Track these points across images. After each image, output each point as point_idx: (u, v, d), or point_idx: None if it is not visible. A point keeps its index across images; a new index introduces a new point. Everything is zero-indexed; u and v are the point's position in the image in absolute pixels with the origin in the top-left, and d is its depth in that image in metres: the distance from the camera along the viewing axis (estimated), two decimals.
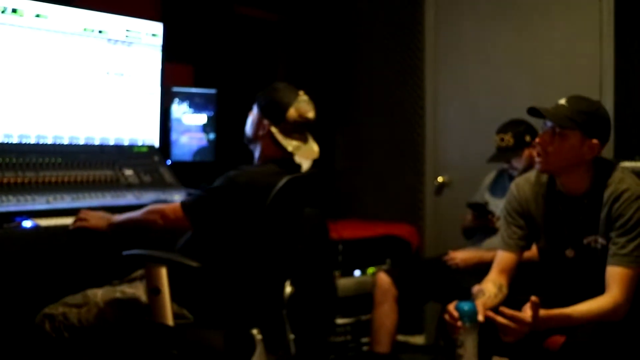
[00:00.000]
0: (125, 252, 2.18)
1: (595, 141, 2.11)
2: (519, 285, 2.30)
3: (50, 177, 2.72)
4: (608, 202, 2.11)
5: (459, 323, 1.97)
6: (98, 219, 2.40)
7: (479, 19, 3.87)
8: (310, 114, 2.33)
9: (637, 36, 3.23)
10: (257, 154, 2.41)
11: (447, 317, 2.02)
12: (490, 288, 2.19)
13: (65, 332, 2.14)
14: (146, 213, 2.32)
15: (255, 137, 2.37)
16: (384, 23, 4.23)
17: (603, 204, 2.12)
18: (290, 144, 2.30)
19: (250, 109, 2.43)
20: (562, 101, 2.16)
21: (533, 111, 2.22)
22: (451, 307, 2.02)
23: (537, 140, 2.20)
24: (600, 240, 2.14)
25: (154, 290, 2.09)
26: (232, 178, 2.22)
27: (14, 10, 2.84)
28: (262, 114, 2.34)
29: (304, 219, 2.48)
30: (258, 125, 2.35)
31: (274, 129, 2.29)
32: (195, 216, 2.22)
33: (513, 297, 2.19)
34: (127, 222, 2.35)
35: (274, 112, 2.30)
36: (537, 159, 2.20)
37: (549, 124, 2.16)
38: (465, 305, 2.00)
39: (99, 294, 2.23)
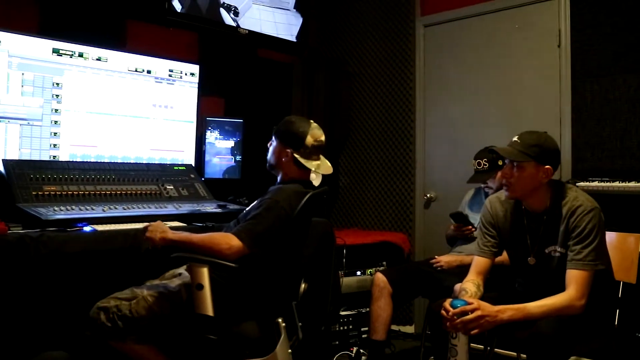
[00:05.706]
0: (173, 255, 2.12)
1: (548, 167, 2.15)
2: (492, 285, 2.32)
3: (106, 190, 2.76)
4: (566, 216, 2.13)
5: (455, 317, 1.99)
6: (154, 232, 2.17)
7: (460, 67, 3.91)
8: (323, 137, 2.37)
9: (589, 79, 3.28)
10: (280, 176, 2.40)
11: (443, 312, 2.03)
12: (470, 287, 2.21)
13: (119, 322, 2.11)
14: (210, 239, 2.11)
15: (279, 164, 2.37)
16: (382, 69, 4.25)
17: (562, 219, 2.15)
18: (311, 165, 2.33)
19: (269, 136, 2.44)
20: (515, 138, 2.19)
21: (492, 151, 2.25)
22: (447, 304, 2.04)
23: (499, 174, 2.22)
24: (559, 249, 2.17)
25: (198, 286, 2.06)
26: (276, 200, 2.20)
27: (80, 55, 2.93)
28: (284, 144, 2.34)
29: (314, 227, 2.49)
30: (280, 154, 2.36)
31: (296, 155, 2.32)
32: (260, 244, 2.13)
33: (484, 294, 2.23)
34: (183, 243, 2.13)
35: (295, 141, 2.32)
36: (503, 189, 2.23)
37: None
38: (459, 303, 2.02)
39: (145, 289, 2.21)
